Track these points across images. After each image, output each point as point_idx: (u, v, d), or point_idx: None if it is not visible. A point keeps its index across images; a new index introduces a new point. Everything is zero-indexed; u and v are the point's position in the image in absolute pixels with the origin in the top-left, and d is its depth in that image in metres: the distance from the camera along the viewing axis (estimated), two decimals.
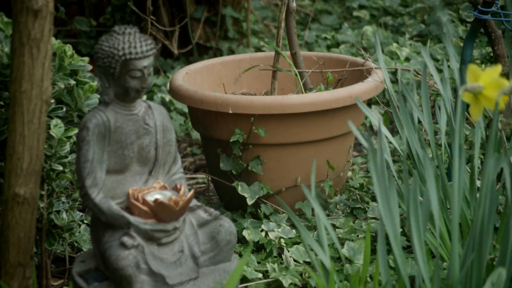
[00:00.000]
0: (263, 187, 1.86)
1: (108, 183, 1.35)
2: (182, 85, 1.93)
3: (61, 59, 1.44)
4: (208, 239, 1.37)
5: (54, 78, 1.43)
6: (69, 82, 1.43)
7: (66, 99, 1.45)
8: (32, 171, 1.34)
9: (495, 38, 1.75)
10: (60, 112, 1.42)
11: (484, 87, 1.27)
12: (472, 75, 1.28)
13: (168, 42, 2.89)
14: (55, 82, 1.43)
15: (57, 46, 1.44)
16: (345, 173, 1.98)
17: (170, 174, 1.41)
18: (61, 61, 1.44)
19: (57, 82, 1.43)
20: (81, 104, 1.45)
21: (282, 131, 1.84)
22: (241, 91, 2.14)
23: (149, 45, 1.33)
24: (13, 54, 1.29)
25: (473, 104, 1.29)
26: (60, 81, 1.43)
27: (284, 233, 1.77)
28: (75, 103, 1.45)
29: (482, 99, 1.28)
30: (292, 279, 1.57)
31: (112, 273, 1.29)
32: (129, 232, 1.31)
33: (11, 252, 1.36)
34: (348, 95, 1.85)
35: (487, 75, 1.27)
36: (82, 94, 1.45)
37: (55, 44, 1.44)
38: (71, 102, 1.45)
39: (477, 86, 1.27)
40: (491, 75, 1.27)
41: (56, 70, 1.44)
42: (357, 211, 1.89)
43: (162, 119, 1.39)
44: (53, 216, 1.44)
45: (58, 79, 1.43)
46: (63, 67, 1.44)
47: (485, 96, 1.28)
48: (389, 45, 2.86)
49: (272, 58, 2.05)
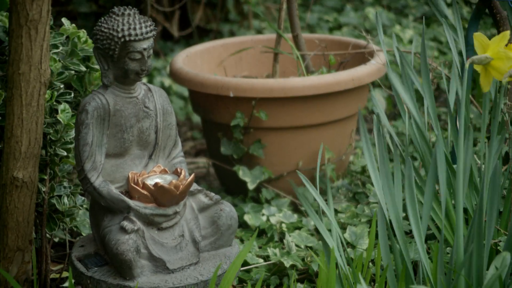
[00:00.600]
0: (264, 171, 1.85)
1: (108, 166, 1.33)
2: (182, 68, 1.91)
3: (74, 44, 1.42)
4: (209, 224, 1.36)
5: (66, 63, 1.41)
6: (80, 68, 1.42)
7: (75, 85, 1.44)
8: (31, 154, 1.32)
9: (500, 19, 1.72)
10: (68, 97, 1.41)
11: (492, 57, 1.25)
12: (480, 45, 1.26)
13: (168, 24, 2.87)
14: (67, 67, 1.41)
15: (71, 32, 1.43)
16: (347, 157, 1.97)
17: (170, 158, 1.39)
18: (73, 46, 1.42)
19: (69, 67, 1.41)
20: (90, 90, 1.44)
21: (283, 115, 1.83)
22: (242, 74, 2.12)
23: (149, 27, 1.31)
24: (10, 36, 1.27)
25: (482, 75, 1.27)
26: (72, 66, 1.41)
27: (286, 217, 1.76)
28: (84, 89, 1.44)
29: (491, 70, 1.26)
30: (294, 263, 1.56)
31: (112, 257, 1.28)
32: (129, 217, 1.29)
33: (9, 236, 1.35)
34: (351, 78, 1.83)
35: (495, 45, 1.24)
36: (93, 81, 1.44)
37: (69, 29, 1.43)
38: (80, 88, 1.44)
39: (484, 58, 1.25)
40: (498, 45, 1.24)
41: (68, 55, 1.42)
42: (359, 195, 1.88)
43: (162, 102, 1.37)
44: (54, 200, 1.43)
45: (69, 64, 1.41)
46: (76, 53, 1.42)
47: (493, 66, 1.25)
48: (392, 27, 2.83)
49: (274, 40, 2.03)
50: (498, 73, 1.25)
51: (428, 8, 3.08)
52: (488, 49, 1.25)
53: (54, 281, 1.56)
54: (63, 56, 1.43)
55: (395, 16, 3.05)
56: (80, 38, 1.44)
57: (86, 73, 1.45)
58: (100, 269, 1.32)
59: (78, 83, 1.44)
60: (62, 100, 1.41)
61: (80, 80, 1.44)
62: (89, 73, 1.45)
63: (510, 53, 1.23)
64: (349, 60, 2.02)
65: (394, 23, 2.94)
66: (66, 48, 1.43)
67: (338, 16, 3.11)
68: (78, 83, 1.44)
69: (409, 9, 3.13)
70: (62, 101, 1.41)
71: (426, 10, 3.08)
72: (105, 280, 1.29)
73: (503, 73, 1.24)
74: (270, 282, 1.56)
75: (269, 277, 1.57)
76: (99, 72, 1.46)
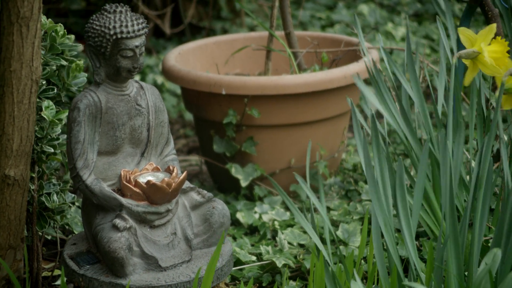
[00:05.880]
0: (256, 169, 1.85)
1: (100, 164, 1.33)
2: (174, 65, 1.91)
3: (53, 39, 1.41)
4: (201, 221, 1.36)
5: (46, 59, 1.40)
6: (61, 62, 1.41)
7: (54, 79, 1.43)
8: (23, 152, 1.32)
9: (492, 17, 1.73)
10: (51, 94, 1.40)
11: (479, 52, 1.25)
12: (466, 39, 1.25)
13: (160, 21, 2.86)
14: (47, 63, 1.40)
15: (49, 26, 1.42)
16: (340, 155, 1.97)
17: (162, 155, 1.39)
18: (52, 41, 1.41)
19: (49, 62, 1.40)
20: (69, 83, 1.43)
21: (276, 112, 1.83)
22: (234, 71, 2.11)
23: (141, 24, 1.31)
24: (1, 33, 1.27)
25: (470, 69, 1.27)
26: (52, 62, 1.40)
27: (278, 215, 1.76)
28: (62, 82, 1.43)
29: (479, 64, 1.25)
30: (286, 261, 1.56)
31: (104, 255, 1.28)
32: (121, 214, 1.29)
33: (1, 234, 1.35)
34: (343, 75, 1.83)
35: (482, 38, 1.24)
36: (70, 73, 1.43)
37: (46, 24, 1.42)
38: (58, 82, 1.43)
39: (472, 52, 1.25)
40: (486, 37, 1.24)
41: (48, 50, 1.41)
42: (351, 193, 1.88)
43: (154, 99, 1.37)
44: (43, 198, 1.43)
45: (49, 60, 1.40)
46: (55, 47, 1.41)
47: (481, 61, 1.25)
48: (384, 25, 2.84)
49: (266, 38, 2.03)
50: (486, 67, 1.25)
51: (420, 6, 3.09)
52: (475, 43, 1.25)
53: (46, 279, 1.55)
54: (44, 52, 1.41)
55: (388, 14, 3.05)
56: (58, 32, 1.42)
57: (62, 67, 1.43)
58: (92, 267, 1.32)
59: (56, 78, 1.43)
60: (44, 96, 1.40)
61: (58, 74, 1.43)
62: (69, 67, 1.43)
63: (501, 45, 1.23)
64: (341, 58, 2.02)
65: (387, 20, 2.94)
66: (45, 44, 1.41)
67: (330, 13, 3.11)
68: (56, 78, 1.43)
69: (402, 7, 3.14)
70: (44, 98, 1.39)
71: (419, 8, 3.08)
72: (97, 278, 1.29)
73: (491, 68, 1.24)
74: (263, 280, 1.56)
75: (262, 275, 1.57)
76: (75, 64, 1.43)
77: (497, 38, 1.27)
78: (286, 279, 1.50)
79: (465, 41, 1.25)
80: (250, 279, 1.53)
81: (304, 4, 3.25)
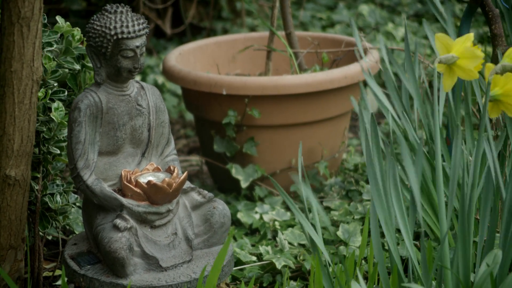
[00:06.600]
0: (257, 169, 1.85)
1: (101, 164, 1.33)
2: (175, 65, 1.91)
3: (68, 42, 1.42)
4: (202, 222, 1.36)
5: (60, 61, 1.41)
6: (74, 66, 1.42)
7: (70, 83, 1.43)
8: (23, 152, 1.32)
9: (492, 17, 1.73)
10: (62, 96, 1.41)
11: (458, 57, 1.24)
12: (442, 45, 1.26)
13: (161, 22, 2.86)
14: (61, 65, 1.41)
15: (66, 29, 1.42)
16: (340, 155, 1.97)
17: (163, 156, 1.39)
18: (68, 44, 1.42)
19: (63, 65, 1.41)
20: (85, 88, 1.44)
21: (276, 113, 1.83)
22: (235, 72, 2.12)
23: (142, 25, 1.31)
24: (2, 33, 1.27)
25: (446, 74, 1.27)
26: (66, 64, 1.41)
27: (279, 215, 1.76)
28: (78, 87, 1.44)
29: (457, 69, 1.25)
30: (286, 262, 1.56)
31: (105, 255, 1.28)
32: (121, 215, 1.29)
33: (2, 234, 1.35)
34: (344, 75, 1.83)
35: (459, 45, 1.24)
36: (88, 80, 1.44)
37: (64, 27, 1.42)
38: (75, 86, 1.43)
39: (451, 57, 1.24)
40: (464, 45, 1.24)
41: (62, 53, 1.42)
42: (352, 193, 1.88)
43: (155, 100, 1.37)
44: (47, 199, 1.43)
45: (63, 63, 1.41)
46: (70, 51, 1.42)
47: (459, 66, 1.25)
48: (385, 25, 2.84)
49: (267, 38, 2.03)
50: (464, 72, 1.25)
51: (421, 6, 3.09)
52: (451, 49, 1.25)
53: (47, 279, 1.55)
54: (57, 54, 1.42)
55: (388, 14, 3.05)
56: (74, 36, 1.44)
57: (80, 71, 1.45)
58: (93, 267, 1.32)
59: (72, 82, 1.44)
60: (56, 98, 1.41)
61: (75, 79, 1.44)
62: (84, 72, 1.45)
63: (477, 52, 1.23)
64: (342, 58, 2.02)
65: (387, 21, 2.94)
66: (60, 46, 1.43)
67: (331, 14, 3.11)
68: (72, 82, 1.44)
69: (402, 7, 3.14)
70: (55, 99, 1.40)
71: (419, 8, 3.08)
72: (98, 278, 1.29)
73: (469, 73, 1.25)
74: (263, 280, 1.56)
75: (262, 275, 1.57)
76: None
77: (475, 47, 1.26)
78: (287, 279, 1.50)
79: (440, 48, 1.26)
80: (250, 279, 1.53)
81: (305, 4, 3.25)
